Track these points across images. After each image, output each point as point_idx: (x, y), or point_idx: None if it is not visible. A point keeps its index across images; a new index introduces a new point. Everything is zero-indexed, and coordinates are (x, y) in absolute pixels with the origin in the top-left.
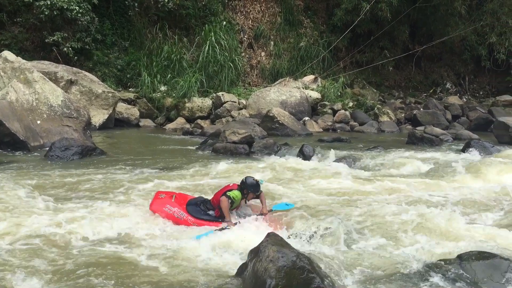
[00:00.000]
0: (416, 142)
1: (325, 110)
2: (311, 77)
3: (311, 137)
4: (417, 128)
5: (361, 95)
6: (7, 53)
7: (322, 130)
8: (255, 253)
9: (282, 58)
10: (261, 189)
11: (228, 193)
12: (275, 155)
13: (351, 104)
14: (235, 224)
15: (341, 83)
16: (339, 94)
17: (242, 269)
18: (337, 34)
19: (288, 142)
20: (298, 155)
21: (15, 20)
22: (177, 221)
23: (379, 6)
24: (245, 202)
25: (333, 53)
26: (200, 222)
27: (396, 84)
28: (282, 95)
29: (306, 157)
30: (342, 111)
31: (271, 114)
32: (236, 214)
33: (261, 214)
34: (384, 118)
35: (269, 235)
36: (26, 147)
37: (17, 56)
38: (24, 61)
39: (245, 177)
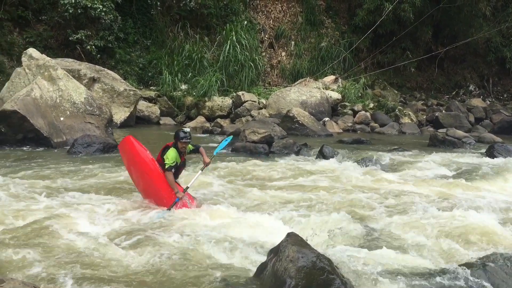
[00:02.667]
0: (438, 144)
1: (345, 111)
2: (332, 77)
3: (331, 138)
4: (439, 130)
5: (382, 96)
6: (32, 51)
7: (342, 131)
8: (274, 252)
9: (302, 58)
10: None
11: (166, 162)
12: (294, 155)
13: (371, 105)
14: (185, 189)
15: (362, 84)
16: (360, 95)
17: (261, 268)
18: (358, 35)
19: (307, 143)
20: (317, 156)
21: (40, 18)
22: None
23: (402, 6)
24: (185, 153)
25: (354, 53)
26: None
27: (418, 86)
28: (302, 95)
29: (326, 157)
30: (363, 112)
31: (291, 114)
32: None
33: (205, 164)
34: (405, 120)
35: (289, 235)
36: (50, 143)
37: (41, 53)
38: (49, 58)
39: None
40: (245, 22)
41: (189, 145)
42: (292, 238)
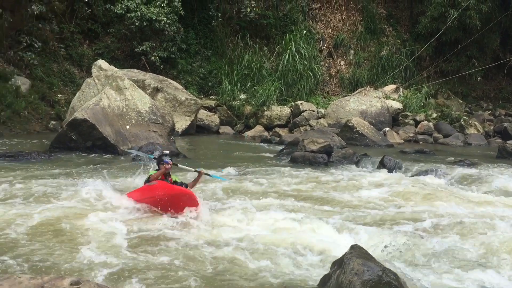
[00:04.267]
0: (507, 156)
1: (406, 121)
2: (393, 86)
3: (392, 149)
4: (508, 142)
5: (445, 106)
6: (101, 62)
7: (403, 142)
8: (338, 264)
9: (362, 67)
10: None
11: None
12: (354, 165)
13: (434, 115)
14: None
15: (424, 93)
16: (422, 104)
17: (324, 280)
18: (421, 43)
19: (367, 153)
20: (378, 167)
21: (108, 30)
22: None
23: (468, 13)
24: (170, 177)
25: (416, 62)
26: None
27: (484, 95)
28: (362, 104)
29: (387, 168)
30: (425, 122)
31: (350, 124)
32: None
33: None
34: (471, 131)
35: (353, 247)
36: (116, 151)
37: (109, 64)
38: (116, 69)
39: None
40: (304, 31)
41: (176, 178)
42: (357, 251)
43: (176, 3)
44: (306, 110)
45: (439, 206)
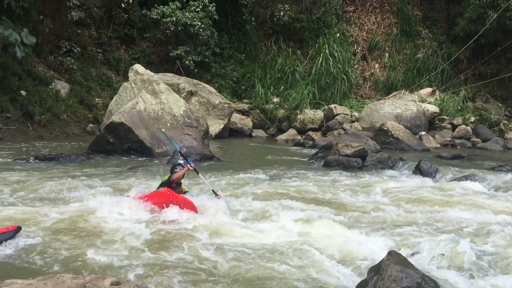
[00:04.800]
0: None
1: (443, 124)
2: (429, 90)
3: (428, 153)
4: None
5: (484, 109)
6: (137, 66)
7: (439, 146)
8: (375, 271)
9: (397, 70)
10: None
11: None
12: (389, 170)
13: (472, 119)
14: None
15: (461, 96)
16: (460, 108)
17: (361, 286)
18: (458, 45)
19: (403, 157)
20: (414, 171)
21: (144, 35)
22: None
23: (508, 14)
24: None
25: (453, 64)
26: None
27: None
28: (397, 108)
29: (423, 173)
30: (463, 126)
31: (385, 128)
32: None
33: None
34: (511, 135)
35: (390, 253)
36: (151, 153)
37: (145, 69)
38: (152, 73)
39: None
40: (338, 34)
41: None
42: (394, 257)
43: (210, 8)
44: (339, 114)
45: (478, 213)
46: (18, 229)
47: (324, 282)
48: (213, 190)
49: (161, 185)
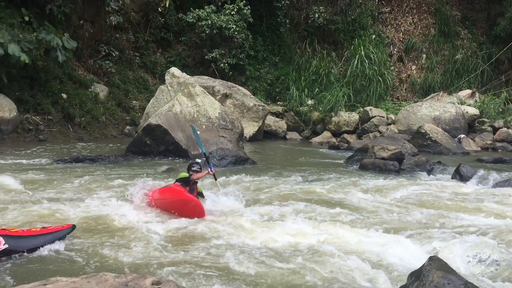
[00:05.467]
0: None
1: (483, 127)
2: (468, 91)
3: (468, 157)
4: None
5: None
6: (174, 69)
7: (480, 149)
8: (416, 276)
9: (435, 72)
10: None
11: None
12: (427, 173)
13: None
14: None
15: (503, 98)
16: (501, 110)
17: None
18: (499, 46)
19: (441, 161)
20: (453, 176)
21: (179, 39)
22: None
23: None
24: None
25: (494, 65)
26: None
27: None
28: (435, 110)
29: (463, 178)
30: (504, 129)
31: (422, 131)
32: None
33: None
34: None
35: (431, 258)
36: (187, 155)
37: (181, 72)
38: (188, 76)
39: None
40: (374, 36)
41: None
42: (436, 263)
43: (245, 11)
44: (375, 116)
45: None
46: (73, 227)
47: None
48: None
49: (177, 181)
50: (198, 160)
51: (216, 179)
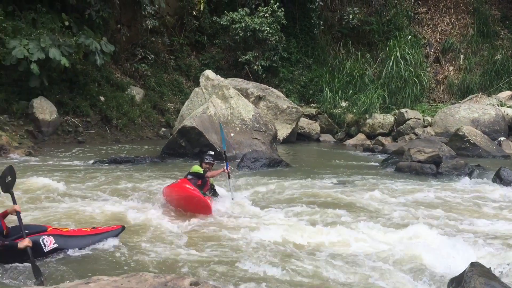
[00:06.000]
0: None
1: None
2: (508, 93)
3: (508, 160)
4: None
5: None
6: (208, 72)
7: None
8: (457, 282)
9: (473, 73)
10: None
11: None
12: (466, 177)
13: None
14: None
15: None
16: None
17: None
18: None
19: (480, 164)
20: (494, 179)
21: (213, 42)
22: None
23: None
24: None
25: None
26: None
27: None
28: (474, 112)
29: (504, 181)
30: None
31: (461, 133)
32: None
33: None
34: None
35: (473, 264)
36: (221, 157)
37: (215, 74)
38: (222, 78)
39: None
40: (409, 36)
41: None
42: (478, 269)
43: (278, 13)
44: (411, 118)
45: None
46: (122, 228)
47: None
48: (232, 198)
49: (189, 174)
50: (211, 152)
51: (229, 178)
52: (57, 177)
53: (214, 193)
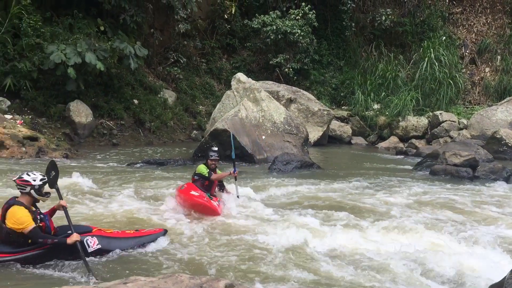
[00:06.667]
0: None
1: None
2: None
3: None
4: None
5: None
6: (240, 75)
7: None
8: None
9: (510, 74)
10: None
11: (197, 173)
12: (504, 181)
13: None
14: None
15: None
16: None
17: None
18: None
19: None
20: None
21: (245, 45)
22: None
23: None
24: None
25: None
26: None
27: None
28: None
29: None
30: None
31: (498, 136)
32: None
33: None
34: None
35: None
36: (253, 160)
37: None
38: (254, 81)
39: None
40: (444, 37)
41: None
42: None
43: (310, 15)
44: (446, 121)
45: None
46: (164, 231)
47: None
48: (237, 196)
49: (194, 175)
50: (215, 148)
51: (236, 180)
52: (92, 178)
53: (221, 187)
